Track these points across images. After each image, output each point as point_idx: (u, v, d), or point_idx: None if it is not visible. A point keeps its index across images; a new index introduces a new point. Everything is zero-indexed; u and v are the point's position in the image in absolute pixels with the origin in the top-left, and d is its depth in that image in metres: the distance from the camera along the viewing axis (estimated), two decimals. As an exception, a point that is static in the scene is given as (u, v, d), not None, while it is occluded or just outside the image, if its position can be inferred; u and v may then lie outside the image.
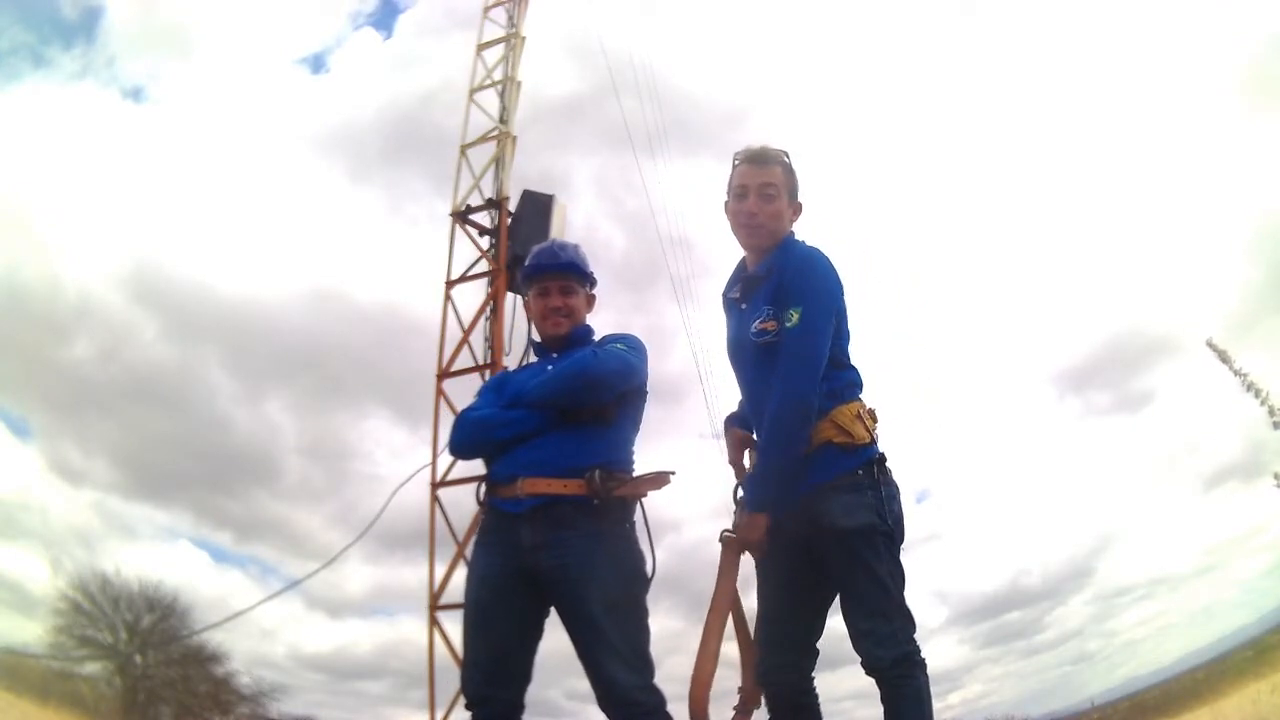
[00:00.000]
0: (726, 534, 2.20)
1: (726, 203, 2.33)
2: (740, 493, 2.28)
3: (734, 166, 2.31)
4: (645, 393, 2.37)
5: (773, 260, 2.23)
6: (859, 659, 2.01)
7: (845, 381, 2.17)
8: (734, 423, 2.43)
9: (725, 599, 2.15)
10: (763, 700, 2.21)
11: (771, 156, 2.27)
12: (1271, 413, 3.14)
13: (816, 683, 2.18)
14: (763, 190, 2.23)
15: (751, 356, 2.19)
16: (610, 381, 2.21)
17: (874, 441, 2.12)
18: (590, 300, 2.46)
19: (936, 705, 2.03)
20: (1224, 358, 3.31)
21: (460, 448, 2.37)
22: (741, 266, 2.38)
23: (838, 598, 2.11)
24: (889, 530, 2.04)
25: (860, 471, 2.06)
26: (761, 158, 2.26)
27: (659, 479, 2.23)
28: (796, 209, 2.31)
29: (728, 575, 2.16)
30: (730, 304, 2.36)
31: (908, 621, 2.01)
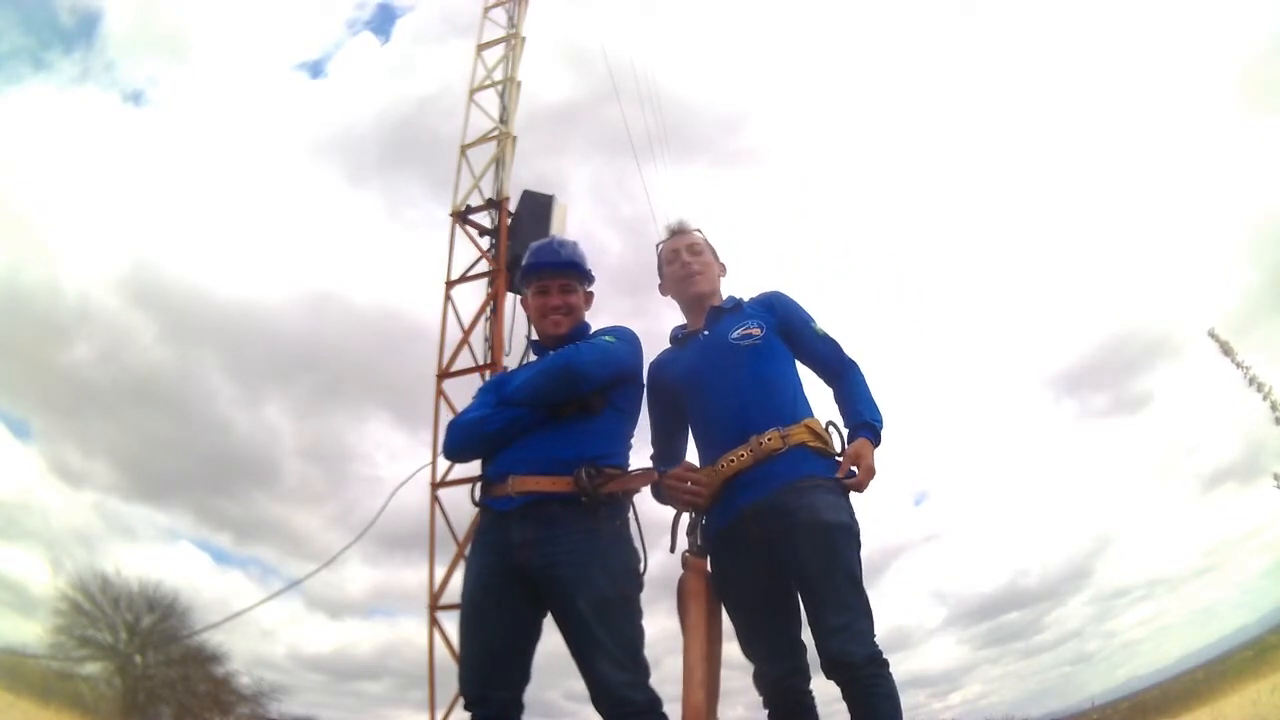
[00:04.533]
0: (688, 555, 2.24)
1: (661, 283, 2.62)
2: (690, 519, 2.27)
3: (659, 250, 2.63)
4: (641, 383, 2.36)
5: (731, 299, 2.53)
6: (821, 659, 2.01)
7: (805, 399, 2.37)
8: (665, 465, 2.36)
9: (702, 622, 2.14)
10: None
11: (689, 226, 2.62)
12: (1274, 408, 3.12)
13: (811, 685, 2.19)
14: (690, 249, 2.55)
15: (726, 360, 2.32)
16: (592, 372, 2.18)
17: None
18: (589, 298, 2.46)
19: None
20: (1226, 349, 3.28)
21: (453, 450, 2.35)
22: (682, 327, 2.55)
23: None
24: (859, 536, 2.15)
25: (833, 480, 2.18)
26: (680, 228, 2.62)
27: (648, 475, 2.24)
28: (722, 268, 2.61)
29: (699, 599, 2.17)
30: (683, 341, 2.50)
31: (873, 623, 2.07)
